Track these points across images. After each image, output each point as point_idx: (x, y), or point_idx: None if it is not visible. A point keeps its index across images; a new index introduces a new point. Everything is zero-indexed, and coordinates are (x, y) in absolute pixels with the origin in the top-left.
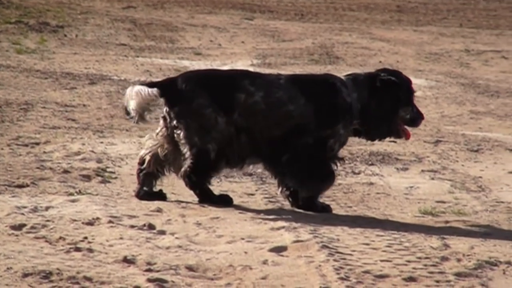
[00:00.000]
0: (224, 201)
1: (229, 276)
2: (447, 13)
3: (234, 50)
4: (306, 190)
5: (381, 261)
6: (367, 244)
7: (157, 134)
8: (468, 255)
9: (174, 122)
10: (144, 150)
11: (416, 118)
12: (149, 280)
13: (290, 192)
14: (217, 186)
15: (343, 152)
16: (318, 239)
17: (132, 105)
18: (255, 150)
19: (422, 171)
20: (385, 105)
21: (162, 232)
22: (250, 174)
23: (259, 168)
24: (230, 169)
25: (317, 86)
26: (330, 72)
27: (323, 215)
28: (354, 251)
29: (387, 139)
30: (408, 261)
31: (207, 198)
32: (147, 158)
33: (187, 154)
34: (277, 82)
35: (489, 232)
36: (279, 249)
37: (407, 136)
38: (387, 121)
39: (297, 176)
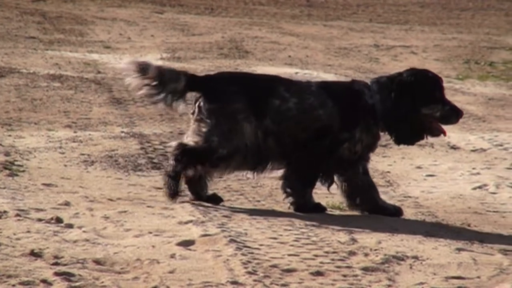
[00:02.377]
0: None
1: (137, 270)
2: (357, 8)
3: (143, 44)
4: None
5: (289, 255)
6: (275, 238)
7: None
8: (375, 250)
9: (202, 116)
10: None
11: (449, 115)
12: (56, 274)
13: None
14: (126, 180)
15: None
16: (226, 233)
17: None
18: (280, 153)
19: None
20: (402, 106)
21: (70, 226)
22: (159, 168)
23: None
24: (252, 172)
25: (342, 90)
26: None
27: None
28: (261, 245)
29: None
30: (316, 256)
31: (173, 177)
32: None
33: (196, 141)
34: (309, 88)
35: (396, 227)
36: (186, 243)
37: (443, 133)
38: (406, 122)
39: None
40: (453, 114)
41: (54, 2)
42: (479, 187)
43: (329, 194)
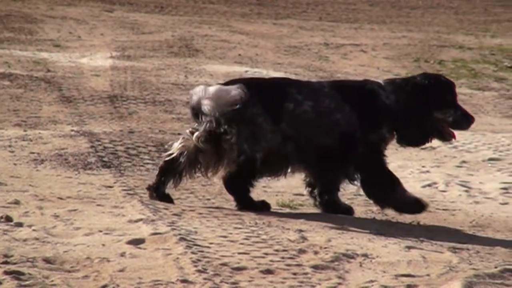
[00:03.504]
0: (264, 207)
1: (87, 269)
2: (307, 6)
3: (93, 42)
4: (387, 203)
5: (239, 253)
6: (225, 237)
7: (198, 138)
8: (325, 248)
9: (225, 127)
10: (177, 151)
11: (461, 121)
12: (5, 273)
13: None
14: (76, 178)
15: None
16: (176, 232)
17: (209, 106)
18: (300, 157)
19: None
20: (415, 108)
21: (20, 225)
22: (109, 166)
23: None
24: (272, 177)
25: (357, 91)
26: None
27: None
28: (212, 243)
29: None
30: (266, 254)
31: (246, 205)
32: (182, 160)
33: (234, 159)
34: (322, 90)
35: (346, 225)
36: (137, 242)
37: (453, 137)
38: (417, 123)
39: (377, 192)
40: (465, 120)
41: (3, 1)
42: (429, 185)
43: (279, 192)
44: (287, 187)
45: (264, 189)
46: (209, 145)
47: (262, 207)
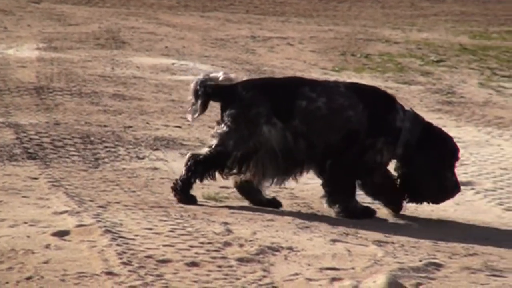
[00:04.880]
0: (191, 201)
1: (11, 260)
2: None
3: (20, 34)
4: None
5: (164, 246)
6: (150, 229)
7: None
8: (250, 241)
9: (224, 120)
10: None
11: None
12: None
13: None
14: (0, 170)
15: (127, 137)
16: (101, 224)
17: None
18: (311, 155)
19: None
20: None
21: None
22: (34, 158)
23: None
24: (287, 176)
25: (377, 97)
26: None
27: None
28: (137, 235)
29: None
30: (191, 246)
31: (184, 191)
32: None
33: (210, 145)
34: (337, 89)
35: (271, 218)
36: (62, 234)
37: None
38: (435, 176)
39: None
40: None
41: None
42: None
43: (204, 185)
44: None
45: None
46: None
47: (190, 201)
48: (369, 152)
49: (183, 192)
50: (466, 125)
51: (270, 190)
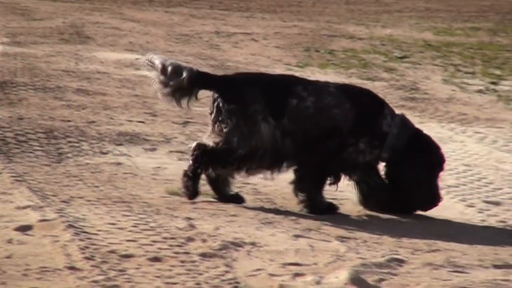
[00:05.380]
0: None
1: None
2: None
3: None
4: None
5: (127, 241)
6: (113, 224)
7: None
8: (213, 236)
9: (223, 117)
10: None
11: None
12: None
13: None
14: None
15: (91, 132)
16: (64, 219)
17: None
18: (296, 151)
19: (170, 151)
20: (419, 168)
21: None
22: None
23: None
24: (271, 172)
25: (366, 99)
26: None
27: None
28: (100, 230)
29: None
30: (154, 241)
31: (192, 181)
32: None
33: (216, 143)
34: (327, 89)
35: (234, 214)
36: (24, 228)
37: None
38: (423, 185)
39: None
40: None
41: None
42: None
43: (168, 180)
44: (176, 175)
45: (153, 176)
46: None
47: (192, 194)
48: (349, 150)
49: (191, 184)
50: (429, 121)
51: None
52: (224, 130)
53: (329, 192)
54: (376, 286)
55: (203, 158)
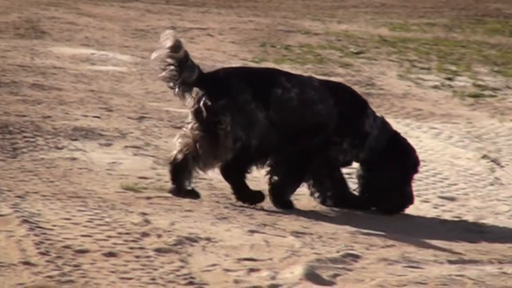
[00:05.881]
0: (258, 197)
1: None
2: None
3: None
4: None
5: (82, 236)
6: (68, 219)
7: (192, 129)
8: (168, 231)
9: (218, 116)
10: (177, 149)
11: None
12: None
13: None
14: None
15: (46, 127)
16: (18, 214)
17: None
18: (281, 144)
19: (125, 146)
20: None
21: None
22: None
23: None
24: (257, 164)
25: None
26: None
27: None
28: (55, 226)
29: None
30: (109, 237)
31: (242, 192)
32: (181, 156)
33: (230, 147)
34: (310, 83)
35: (190, 209)
36: None
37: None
38: (398, 187)
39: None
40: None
41: None
42: None
43: (123, 175)
44: (132, 170)
45: (109, 171)
46: (204, 134)
47: (257, 198)
48: (333, 149)
49: (247, 196)
50: (385, 116)
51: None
52: (227, 129)
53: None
54: (331, 281)
55: (234, 173)
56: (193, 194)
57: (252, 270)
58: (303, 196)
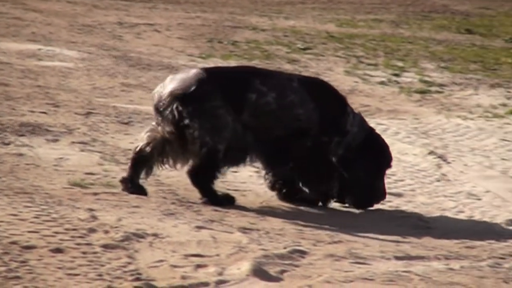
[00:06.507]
0: (227, 200)
1: None
2: None
3: None
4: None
5: (29, 232)
6: (15, 215)
7: (162, 127)
8: (115, 227)
9: (186, 121)
10: (144, 141)
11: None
12: None
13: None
14: None
15: None
16: None
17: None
18: (258, 147)
19: (72, 142)
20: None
21: None
22: None
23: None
24: (233, 166)
25: (330, 97)
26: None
27: None
28: (1, 222)
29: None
30: (56, 233)
31: (211, 196)
32: (148, 149)
33: (197, 153)
34: (289, 84)
35: (137, 205)
36: None
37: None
38: (370, 185)
39: (308, 179)
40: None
41: None
42: None
43: (70, 171)
44: (79, 166)
45: (55, 167)
46: (175, 136)
47: (226, 200)
48: (328, 149)
49: (215, 200)
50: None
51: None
52: (195, 134)
53: (232, 183)
54: (278, 277)
55: (201, 178)
56: (142, 190)
57: (199, 266)
58: (250, 192)
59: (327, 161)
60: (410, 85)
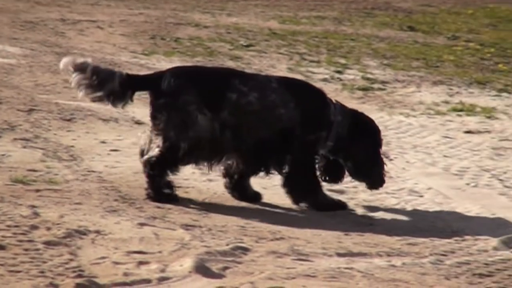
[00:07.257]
0: (169, 198)
1: None
2: None
3: None
4: (305, 202)
5: None
6: None
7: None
8: (58, 224)
9: (155, 112)
10: (141, 143)
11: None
12: None
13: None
14: None
15: None
16: None
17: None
18: (238, 147)
19: (14, 139)
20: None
21: None
22: None
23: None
24: (207, 164)
25: (309, 93)
26: None
27: None
28: None
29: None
30: None
31: (155, 190)
32: (146, 147)
33: (158, 145)
34: (269, 84)
35: (79, 202)
36: None
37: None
38: (373, 163)
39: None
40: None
41: None
42: None
43: (12, 168)
44: (21, 163)
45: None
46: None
47: (168, 199)
48: (316, 146)
49: (158, 194)
50: None
51: (72, 172)
52: (160, 126)
53: (175, 180)
54: (221, 274)
55: (155, 170)
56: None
57: (141, 263)
58: (193, 189)
59: (314, 168)
60: (353, 82)
